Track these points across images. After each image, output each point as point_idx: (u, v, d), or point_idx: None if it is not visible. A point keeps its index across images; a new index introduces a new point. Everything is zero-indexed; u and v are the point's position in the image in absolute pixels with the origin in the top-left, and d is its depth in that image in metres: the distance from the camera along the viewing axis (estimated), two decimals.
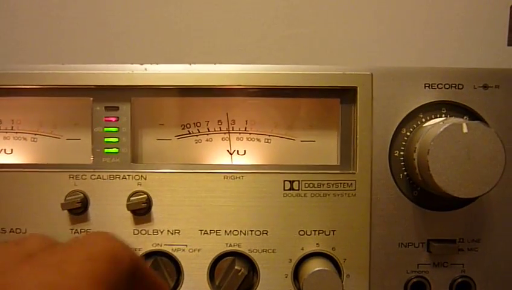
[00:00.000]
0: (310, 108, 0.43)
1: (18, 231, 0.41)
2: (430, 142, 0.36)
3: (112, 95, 0.41)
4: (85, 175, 0.40)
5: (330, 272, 0.38)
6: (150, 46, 0.62)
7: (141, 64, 0.41)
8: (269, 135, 0.43)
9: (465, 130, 0.36)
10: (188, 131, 0.43)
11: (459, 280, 0.41)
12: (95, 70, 0.41)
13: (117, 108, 0.41)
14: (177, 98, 0.42)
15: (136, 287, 0.24)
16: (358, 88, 0.40)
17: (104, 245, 0.22)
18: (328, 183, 0.40)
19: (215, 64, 0.41)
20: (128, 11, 0.62)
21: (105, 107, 0.41)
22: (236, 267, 0.38)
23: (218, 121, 0.43)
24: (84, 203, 0.40)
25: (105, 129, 0.41)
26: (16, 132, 0.43)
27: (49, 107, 0.43)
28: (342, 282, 0.38)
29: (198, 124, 0.43)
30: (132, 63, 0.41)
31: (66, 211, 0.40)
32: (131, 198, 0.40)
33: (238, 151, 0.43)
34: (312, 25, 0.61)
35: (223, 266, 0.40)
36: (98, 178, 0.40)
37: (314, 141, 0.43)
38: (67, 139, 0.43)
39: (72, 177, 0.40)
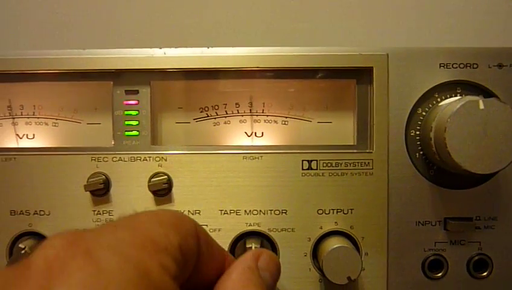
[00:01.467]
0: (326, 89, 0.44)
1: (42, 212, 0.41)
2: (447, 120, 0.37)
3: (131, 78, 0.42)
4: (106, 157, 0.41)
5: (350, 249, 0.38)
6: (158, 36, 0.63)
7: (160, 48, 0.41)
8: (286, 117, 0.43)
9: (481, 106, 0.37)
10: (206, 114, 0.43)
11: (476, 258, 0.42)
12: (116, 54, 0.41)
13: (137, 91, 0.42)
14: (196, 81, 0.43)
15: (200, 243, 0.26)
16: (374, 68, 0.41)
17: (167, 213, 0.26)
18: (345, 163, 0.41)
19: (233, 47, 0.41)
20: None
21: (125, 90, 0.42)
22: (254, 246, 0.39)
23: (236, 104, 0.43)
24: (106, 185, 0.41)
25: (126, 112, 0.42)
26: (38, 117, 0.44)
27: (69, 92, 0.44)
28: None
29: (216, 107, 0.43)
30: (151, 47, 0.41)
31: (88, 193, 0.41)
32: (152, 179, 0.40)
33: (255, 133, 0.43)
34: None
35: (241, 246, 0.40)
36: (119, 160, 0.41)
37: (330, 122, 0.43)
38: (87, 124, 0.44)
39: (94, 159, 0.41)
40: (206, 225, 0.41)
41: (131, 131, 0.42)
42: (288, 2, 0.61)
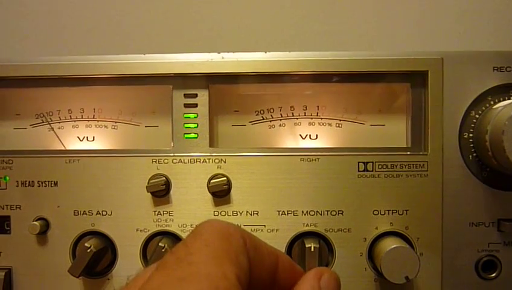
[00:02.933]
0: (379, 93, 0.44)
1: (104, 213, 0.43)
2: (505, 122, 0.37)
3: (190, 82, 0.43)
4: (167, 159, 0.42)
5: (408, 249, 0.39)
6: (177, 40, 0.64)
7: (218, 52, 0.42)
8: (340, 120, 0.44)
9: None
10: (262, 117, 0.45)
11: None
12: (175, 59, 0.42)
13: (196, 95, 0.43)
14: (252, 84, 0.44)
15: (249, 251, 0.26)
16: (429, 72, 0.41)
17: (212, 229, 0.25)
18: (400, 165, 0.41)
19: (289, 52, 0.42)
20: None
21: (184, 94, 0.43)
22: (308, 245, 0.40)
23: (291, 107, 0.44)
24: (167, 186, 0.42)
25: (185, 115, 0.43)
26: (98, 120, 0.45)
27: (128, 96, 0.45)
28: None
29: (272, 110, 0.44)
30: (209, 52, 0.42)
31: (149, 194, 0.42)
32: (212, 180, 0.42)
33: (310, 135, 0.44)
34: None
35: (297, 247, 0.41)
36: (179, 162, 0.42)
37: (383, 125, 0.44)
38: (145, 126, 0.45)
39: (155, 161, 0.42)
40: (264, 226, 0.42)
41: (190, 133, 0.43)
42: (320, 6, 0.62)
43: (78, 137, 0.46)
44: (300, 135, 0.44)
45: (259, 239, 0.28)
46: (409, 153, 0.42)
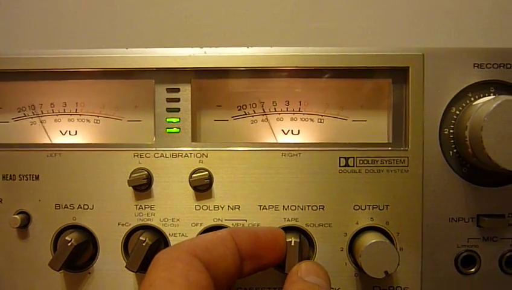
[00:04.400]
0: (361, 88, 0.45)
1: (85, 206, 0.43)
2: (484, 119, 0.38)
3: (172, 77, 0.43)
4: (149, 153, 0.42)
5: (388, 243, 0.39)
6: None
7: (201, 47, 0.42)
8: (322, 115, 0.44)
9: None
10: (244, 112, 0.45)
11: (508, 254, 0.43)
12: (158, 54, 0.42)
13: (178, 90, 0.43)
14: (234, 79, 0.44)
15: (207, 257, 0.32)
16: (410, 68, 0.42)
17: (156, 265, 0.31)
18: (381, 160, 0.42)
19: (271, 46, 0.42)
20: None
21: (166, 88, 0.43)
22: (288, 240, 0.40)
23: (273, 102, 0.45)
24: (149, 180, 0.42)
25: (167, 110, 0.43)
26: (80, 114, 0.45)
27: (111, 90, 0.45)
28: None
29: (254, 105, 0.45)
30: (192, 47, 0.43)
31: (130, 188, 0.42)
32: (194, 175, 0.42)
33: (292, 131, 0.45)
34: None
35: None
36: (161, 156, 0.42)
37: (365, 121, 0.45)
38: (128, 121, 0.45)
39: (137, 155, 0.42)
40: (245, 220, 0.42)
41: (172, 128, 0.43)
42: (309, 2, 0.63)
43: (60, 131, 0.45)
44: (282, 130, 0.45)
45: (215, 236, 0.34)
46: (390, 148, 0.42)
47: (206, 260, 0.31)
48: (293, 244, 0.39)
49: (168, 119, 0.43)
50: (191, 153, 0.42)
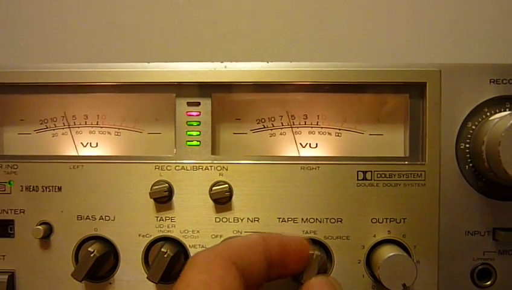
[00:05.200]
0: (378, 103, 0.45)
1: (107, 218, 0.43)
2: (501, 134, 0.38)
3: (193, 91, 0.44)
4: (170, 166, 0.43)
5: (406, 256, 0.40)
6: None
7: (221, 62, 0.43)
8: (339, 129, 0.45)
9: None
10: (263, 125, 0.45)
11: None
12: (179, 68, 0.43)
13: (198, 103, 0.44)
14: (254, 93, 0.45)
15: (240, 263, 0.32)
16: (427, 84, 0.42)
17: (193, 265, 0.31)
18: (398, 174, 0.42)
19: (291, 62, 0.43)
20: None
21: (187, 102, 0.44)
22: (315, 253, 0.40)
23: (292, 116, 0.45)
24: (169, 193, 0.43)
25: (188, 123, 0.44)
26: (101, 127, 0.46)
27: (131, 103, 0.46)
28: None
29: (273, 119, 0.45)
30: (213, 62, 0.43)
31: (151, 200, 0.43)
32: (214, 187, 0.42)
33: (310, 144, 0.45)
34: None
35: None
36: (182, 169, 0.43)
37: (382, 135, 0.45)
38: (148, 133, 0.46)
39: (158, 168, 0.43)
40: (265, 232, 0.42)
41: (193, 141, 0.44)
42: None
43: (81, 143, 0.46)
44: (300, 144, 0.45)
45: (249, 241, 0.34)
46: (406, 162, 0.43)
47: (240, 266, 0.31)
48: (314, 257, 0.39)
49: (188, 132, 0.44)
50: (211, 166, 0.43)
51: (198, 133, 0.44)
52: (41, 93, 0.45)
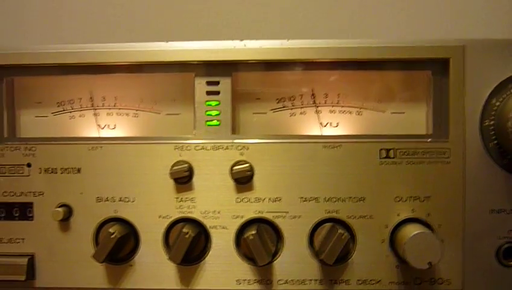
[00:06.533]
0: (399, 80, 0.45)
1: (126, 199, 0.43)
2: None
3: (213, 70, 0.43)
4: (189, 146, 0.42)
5: (431, 234, 0.39)
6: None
7: (241, 40, 0.43)
8: (360, 108, 0.44)
9: None
10: (283, 105, 0.45)
11: None
12: (197, 47, 0.43)
13: (218, 82, 0.43)
14: (274, 72, 0.44)
15: None
16: (451, 60, 0.42)
17: None
18: (422, 152, 0.42)
19: (312, 39, 0.43)
20: None
21: (206, 82, 0.43)
22: (339, 231, 0.40)
23: (312, 95, 0.45)
24: (190, 173, 0.42)
25: (207, 103, 0.43)
26: (119, 108, 0.45)
27: (149, 84, 0.46)
28: None
29: (293, 98, 0.45)
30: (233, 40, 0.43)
31: (171, 181, 0.42)
32: (235, 167, 0.42)
33: (331, 123, 0.45)
34: None
35: (321, 232, 0.41)
36: (202, 149, 0.42)
37: (403, 113, 0.44)
38: (166, 114, 0.45)
39: (178, 148, 0.42)
40: (287, 212, 0.42)
41: (212, 120, 0.43)
42: None
43: (99, 125, 0.46)
44: (321, 123, 0.45)
45: None
46: (430, 140, 0.42)
47: None
48: (343, 237, 0.39)
49: (208, 112, 0.43)
50: (231, 146, 0.42)
51: (217, 112, 0.43)
52: (59, 74, 0.45)
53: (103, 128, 0.46)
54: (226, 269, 0.42)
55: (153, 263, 0.43)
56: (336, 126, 0.45)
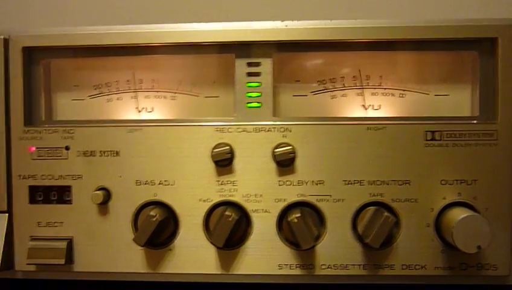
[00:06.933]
0: (444, 62, 0.44)
1: (166, 182, 0.42)
2: None
3: (254, 51, 0.42)
4: (231, 128, 0.42)
5: (480, 217, 0.38)
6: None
7: (282, 21, 0.42)
8: (403, 90, 0.44)
9: None
10: (324, 87, 0.44)
11: None
12: (239, 27, 0.42)
13: (259, 64, 0.42)
14: (315, 53, 0.43)
15: None
16: (499, 39, 0.40)
17: None
18: (469, 134, 0.41)
19: (355, 19, 0.42)
20: None
21: (247, 63, 0.42)
22: (386, 214, 0.39)
23: (353, 77, 0.44)
24: (231, 155, 0.41)
25: (248, 84, 0.42)
26: (157, 91, 0.45)
27: (187, 66, 0.45)
28: None
29: (334, 80, 0.44)
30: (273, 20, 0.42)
31: (212, 164, 0.42)
32: (277, 149, 0.41)
33: (373, 105, 0.44)
34: None
35: (365, 216, 0.40)
36: (243, 131, 0.42)
37: (448, 95, 0.43)
38: (205, 97, 0.45)
39: (218, 130, 0.42)
40: (330, 195, 0.41)
41: (253, 102, 0.42)
42: None
43: (136, 108, 0.45)
44: (362, 105, 0.44)
45: None
46: (476, 121, 0.41)
47: None
48: (390, 220, 0.38)
49: (248, 94, 0.42)
50: (274, 128, 0.41)
51: (259, 94, 0.42)
52: (96, 56, 0.44)
53: (141, 111, 0.45)
54: (268, 254, 0.42)
55: (193, 247, 0.42)
56: (378, 109, 0.44)
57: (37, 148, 0.43)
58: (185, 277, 0.43)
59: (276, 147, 0.41)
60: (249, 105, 0.42)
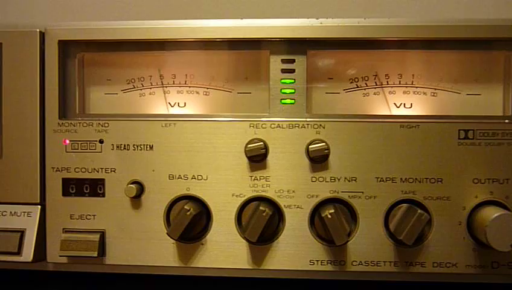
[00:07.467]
0: (476, 61, 0.44)
1: (199, 177, 0.43)
2: None
3: (288, 48, 0.43)
4: (265, 124, 0.42)
5: None
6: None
7: (317, 18, 0.42)
8: (435, 89, 0.44)
9: None
10: (356, 85, 0.44)
11: None
12: (273, 24, 0.42)
13: (293, 60, 0.43)
14: (349, 51, 0.44)
15: None
16: None
17: None
18: (502, 133, 0.41)
19: (388, 18, 0.42)
20: None
21: (281, 59, 0.43)
22: (419, 211, 0.39)
23: (386, 75, 0.44)
24: (265, 151, 0.42)
25: (282, 81, 0.43)
26: (190, 86, 0.45)
27: (221, 62, 0.45)
28: None
29: (366, 78, 0.44)
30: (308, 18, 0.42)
31: (245, 159, 0.42)
32: (311, 146, 0.41)
33: (404, 104, 0.44)
34: None
35: (398, 213, 0.41)
36: (277, 127, 0.42)
37: (479, 95, 0.44)
38: (238, 93, 0.45)
39: (253, 126, 0.42)
40: (362, 192, 0.42)
41: (287, 99, 0.43)
42: None
43: (169, 103, 0.45)
44: (394, 104, 0.44)
45: None
46: (508, 121, 0.41)
47: None
48: (423, 218, 0.38)
49: (282, 90, 0.43)
50: (307, 124, 0.42)
51: (292, 91, 0.43)
52: (129, 51, 0.45)
53: (173, 106, 0.45)
54: (300, 249, 0.42)
55: (225, 242, 0.42)
56: (410, 107, 0.44)
57: (71, 141, 0.43)
58: (216, 271, 0.43)
59: (311, 144, 0.41)
60: (283, 101, 0.43)
